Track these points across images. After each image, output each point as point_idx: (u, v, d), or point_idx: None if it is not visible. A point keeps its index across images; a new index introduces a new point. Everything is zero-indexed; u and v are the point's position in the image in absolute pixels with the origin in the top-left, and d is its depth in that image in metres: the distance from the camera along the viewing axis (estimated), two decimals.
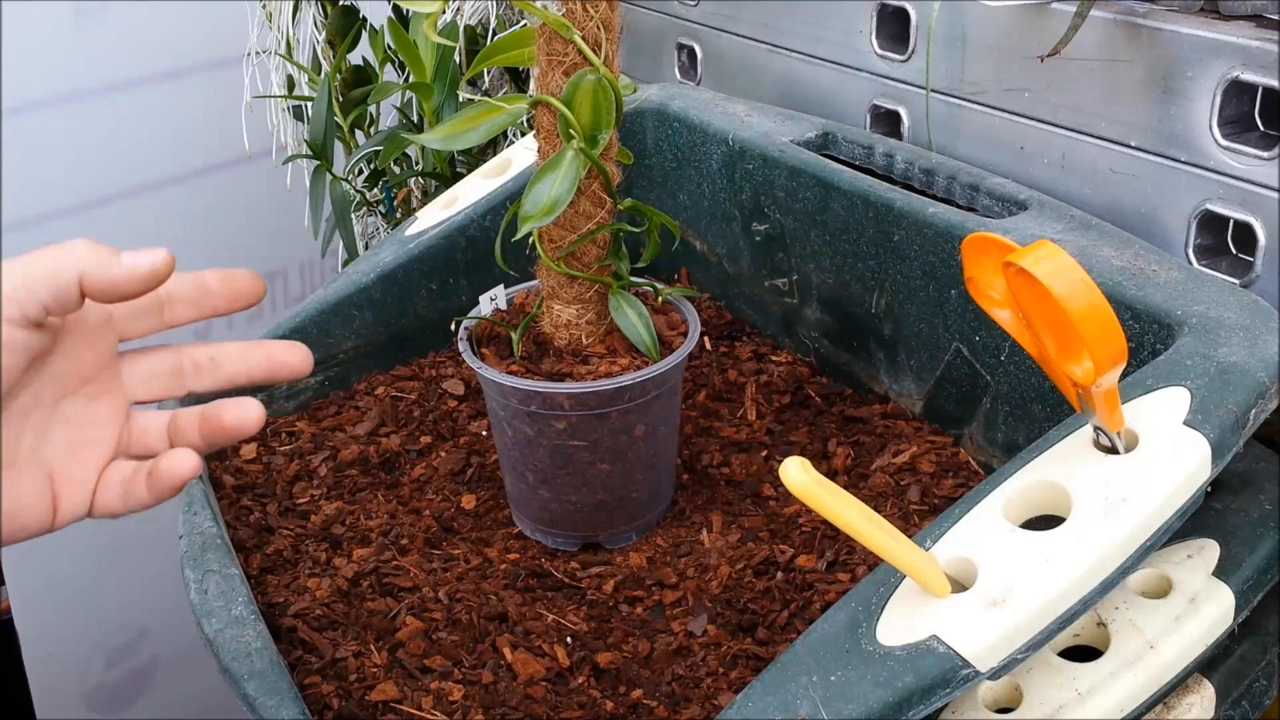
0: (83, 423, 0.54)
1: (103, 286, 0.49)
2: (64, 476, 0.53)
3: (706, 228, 0.98)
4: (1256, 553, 0.62)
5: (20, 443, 0.52)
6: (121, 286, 0.49)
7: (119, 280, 0.49)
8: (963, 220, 0.77)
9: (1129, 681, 0.56)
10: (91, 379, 0.54)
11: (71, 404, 0.53)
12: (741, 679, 0.64)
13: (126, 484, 0.53)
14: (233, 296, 0.55)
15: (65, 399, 0.53)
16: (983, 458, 0.78)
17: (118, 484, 0.54)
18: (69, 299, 0.49)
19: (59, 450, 0.53)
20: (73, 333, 0.53)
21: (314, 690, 0.65)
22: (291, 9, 1.24)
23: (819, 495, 0.50)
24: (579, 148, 0.69)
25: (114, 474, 0.54)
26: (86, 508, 0.53)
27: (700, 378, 0.90)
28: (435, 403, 0.89)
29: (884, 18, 0.92)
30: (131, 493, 0.53)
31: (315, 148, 1.16)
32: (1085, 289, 0.49)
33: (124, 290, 0.50)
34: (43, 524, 0.52)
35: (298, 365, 0.56)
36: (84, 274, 0.49)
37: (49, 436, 0.53)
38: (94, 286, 0.49)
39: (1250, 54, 0.69)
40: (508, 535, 0.78)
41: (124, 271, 0.49)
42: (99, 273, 0.49)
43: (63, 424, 0.53)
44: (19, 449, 0.52)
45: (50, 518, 0.52)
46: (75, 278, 0.49)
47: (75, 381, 0.53)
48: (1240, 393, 0.58)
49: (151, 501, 0.53)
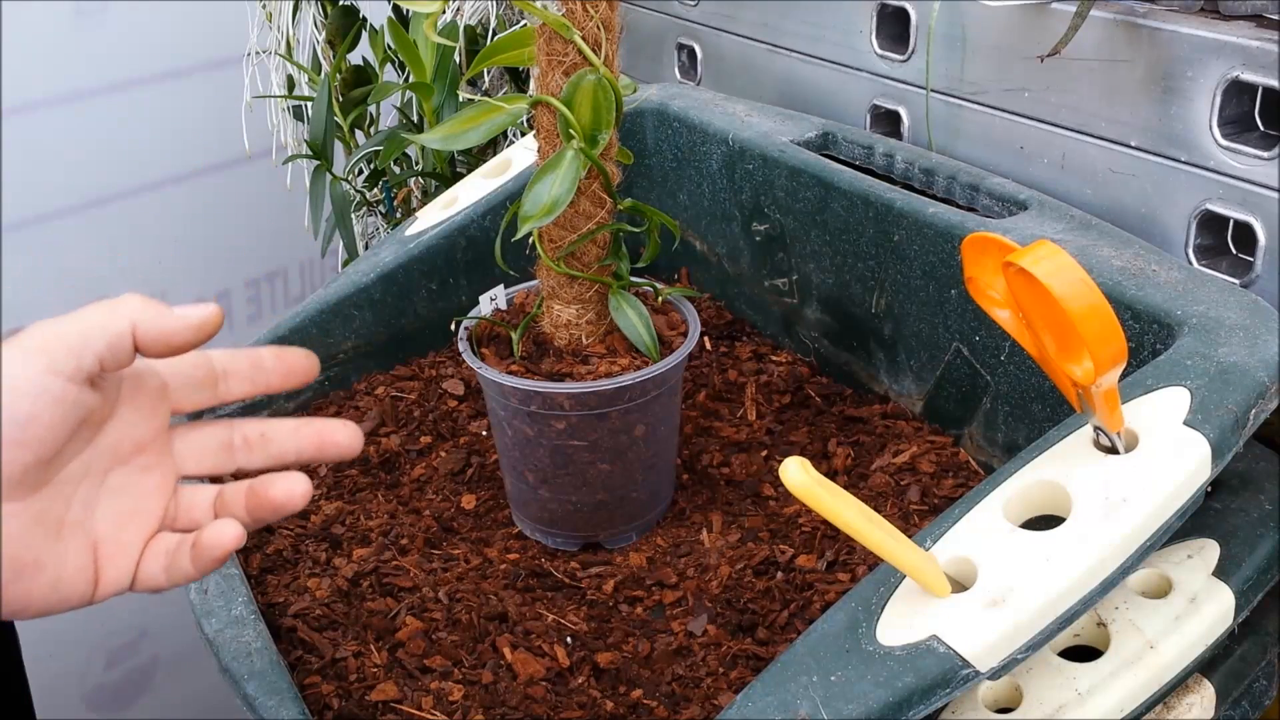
0: (132, 494, 0.53)
1: (155, 338, 0.49)
2: (109, 548, 0.52)
3: (706, 228, 0.98)
4: (1256, 553, 0.62)
5: (68, 512, 0.51)
6: (174, 338, 0.50)
7: (171, 332, 0.50)
8: (963, 220, 0.77)
9: (1129, 681, 0.56)
10: (144, 450, 0.54)
11: (122, 474, 0.53)
12: (741, 679, 0.64)
13: (171, 556, 0.53)
14: (286, 374, 0.55)
15: (116, 469, 0.53)
16: (983, 458, 0.78)
17: (162, 556, 0.53)
18: (123, 351, 0.49)
19: (106, 521, 0.52)
20: (129, 402, 0.53)
21: (314, 690, 0.65)
22: (291, 9, 1.24)
23: (819, 495, 0.50)
24: (579, 148, 0.69)
25: (158, 546, 0.53)
26: (129, 581, 0.53)
27: (700, 378, 0.90)
28: (435, 403, 0.89)
29: (884, 18, 0.92)
30: (176, 565, 0.53)
31: (315, 148, 1.16)
32: (1085, 289, 0.49)
33: (176, 342, 0.50)
34: (84, 596, 0.51)
35: (347, 444, 0.55)
36: (137, 325, 0.49)
37: (96, 506, 0.52)
38: (147, 338, 0.49)
39: (1250, 54, 0.69)
40: (508, 535, 0.78)
41: (176, 322, 0.50)
42: (151, 325, 0.49)
43: (111, 494, 0.53)
44: (66, 518, 0.51)
45: (92, 590, 0.52)
46: (128, 329, 0.49)
47: (128, 452, 0.53)
48: (1240, 393, 0.58)
49: (196, 575, 0.53)
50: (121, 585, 0.53)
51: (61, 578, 0.51)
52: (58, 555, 0.50)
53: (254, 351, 0.55)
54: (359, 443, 0.55)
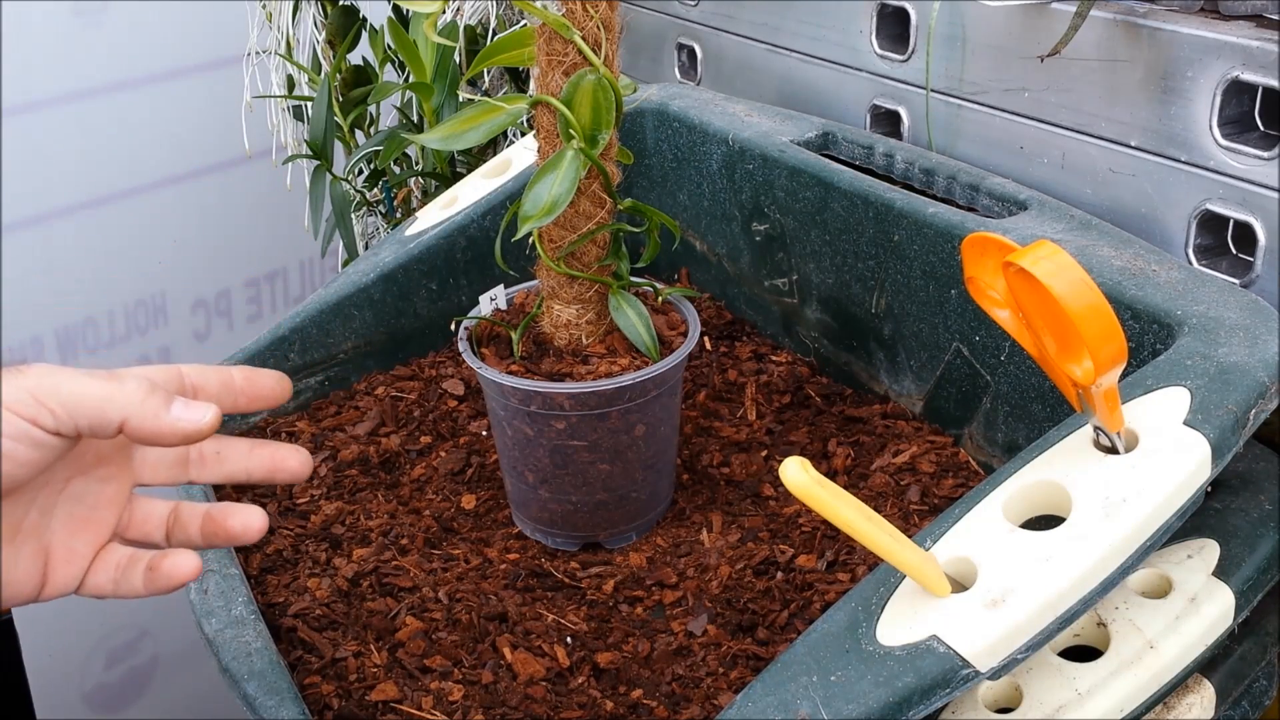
0: (88, 503, 0.54)
1: (142, 436, 0.50)
2: (60, 553, 0.54)
3: (706, 228, 0.98)
4: (1256, 553, 0.62)
5: (25, 518, 0.53)
6: (161, 440, 0.51)
7: (159, 435, 0.50)
8: (963, 220, 0.77)
9: (1129, 681, 0.56)
10: (105, 462, 0.55)
11: (81, 483, 0.54)
12: (741, 679, 0.64)
13: (121, 569, 0.54)
14: (254, 397, 0.56)
15: (76, 479, 0.54)
16: (983, 458, 0.78)
17: (112, 568, 0.54)
18: (106, 434, 0.50)
19: (60, 527, 0.54)
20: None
21: (314, 690, 0.65)
22: (291, 9, 1.24)
23: (819, 495, 0.50)
24: (579, 148, 0.69)
25: (109, 557, 0.55)
26: (76, 585, 0.54)
27: (700, 378, 0.90)
28: (435, 403, 0.89)
29: (884, 18, 0.92)
30: (125, 580, 0.54)
31: (315, 148, 1.16)
32: (1085, 289, 0.49)
33: (161, 442, 0.51)
34: (28, 597, 0.53)
35: (297, 469, 0.57)
36: (127, 421, 0.50)
37: (53, 513, 0.54)
38: (135, 435, 0.50)
39: (1250, 54, 0.69)
40: (508, 535, 0.78)
41: (167, 427, 0.50)
42: (140, 425, 0.50)
43: (68, 502, 0.54)
44: (23, 523, 0.53)
45: (38, 592, 0.53)
46: (118, 421, 0.50)
47: (90, 463, 0.54)
48: (1240, 393, 0.58)
49: (145, 594, 0.54)
50: (67, 590, 0.54)
51: (11, 580, 0.52)
52: (10, 558, 0.52)
53: (225, 371, 0.56)
54: (308, 469, 0.57)
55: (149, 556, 0.54)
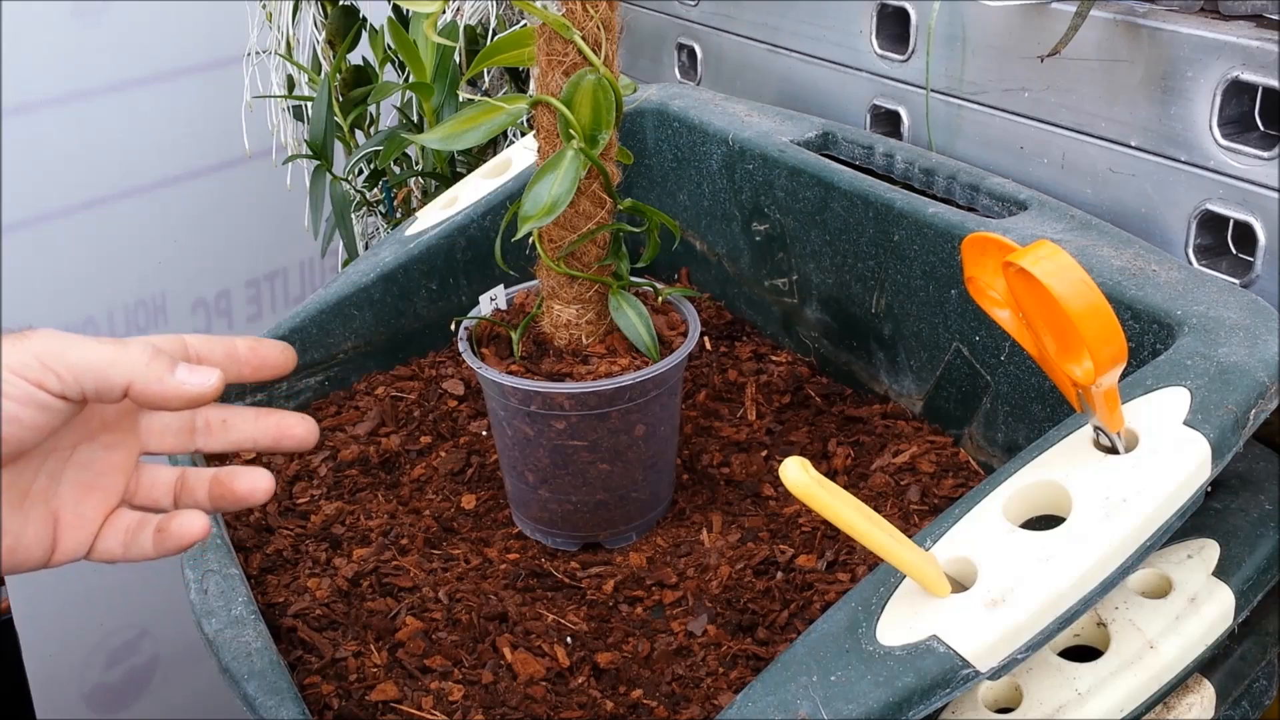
0: (95, 469, 0.55)
1: (147, 399, 0.51)
2: (68, 518, 0.54)
3: (706, 228, 0.98)
4: (1256, 553, 0.62)
5: (34, 483, 0.53)
6: (166, 404, 0.51)
7: (164, 399, 0.51)
8: (963, 220, 0.77)
9: (1129, 681, 0.56)
10: (112, 428, 0.55)
11: (88, 450, 0.55)
12: (741, 679, 0.64)
13: (131, 533, 0.55)
14: (259, 365, 0.56)
15: (83, 445, 0.54)
16: (983, 458, 0.78)
17: (121, 532, 0.55)
18: (111, 398, 0.50)
19: (68, 493, 0.54)
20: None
21: (314, 690, 0.65)
22: (291, 9, 1.24)
23: (819, 495, 0.50)
24: (579, 148, 0.69)
25: (118, 521, 0.55)
26: (85, 550, 0.55)
27: (700, 378, 0.90)
28: (435, 403, 0.89)
29: (884, 18, 0.92)
30: (135, 543, 0.55)
31: (315, 148, 1.16)
32: (1085, 289, 0.49)
33: (166, 406, 0.51)
34: (39, 562, 0.53)
35: (304, 436, 0.57)
36: (132, 384, 0.50)
37: (61, 479, 0.54)
38: (139, 398, 0.51)
39: (1250, 54, 0.69)
40: (508, 535, 0.78)
41: (172, 391, 0.51)
42: (145, 389, 0.50)
43: (76, 468, 0.54)
44: (31, 488, 0.53)
45: (48, 557, 0.53)
46: (123, 385, 0.50)
47: (97, 429, 0.55)
48: (1240, 393, 0.58)
49: (155, 556, 0.54)
50: (77, 554, 0.54)
51: (20, 544, 0.52)
52: (19, 523, 0.52)
53: (229, 340, 0.56)
54: (314, 436, 0.57)
55: (157, 519, 0.54)
